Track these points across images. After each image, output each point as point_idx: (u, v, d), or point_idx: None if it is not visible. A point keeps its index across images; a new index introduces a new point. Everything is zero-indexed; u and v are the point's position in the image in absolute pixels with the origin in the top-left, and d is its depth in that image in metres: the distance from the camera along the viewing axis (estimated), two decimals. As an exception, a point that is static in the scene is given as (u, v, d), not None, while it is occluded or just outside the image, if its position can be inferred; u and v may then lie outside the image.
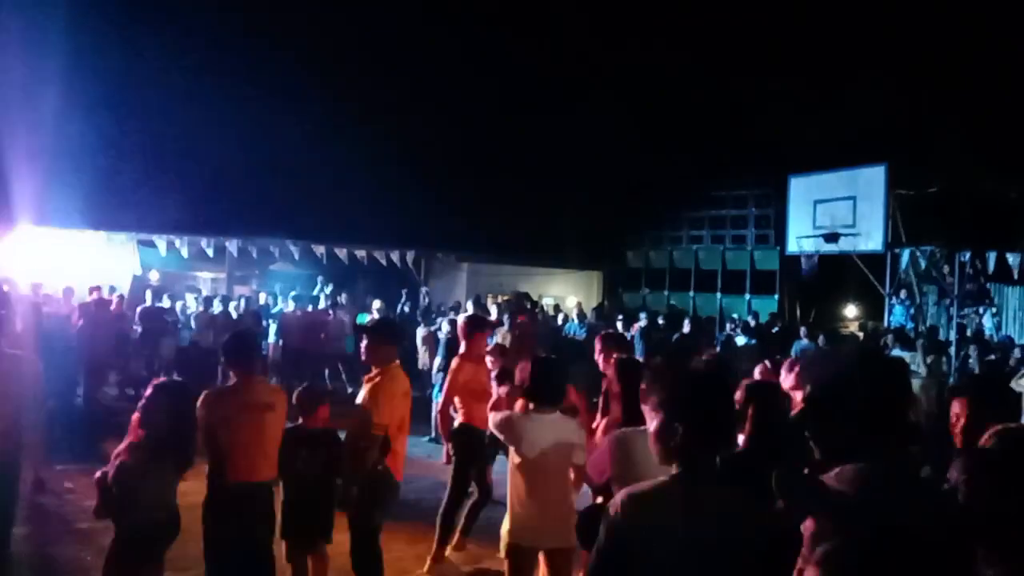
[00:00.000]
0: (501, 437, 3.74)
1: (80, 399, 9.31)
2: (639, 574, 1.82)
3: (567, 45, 21.54)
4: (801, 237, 16.35)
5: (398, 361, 4.38)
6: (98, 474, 3.37)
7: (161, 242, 16.39)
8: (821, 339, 12.43)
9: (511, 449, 3.70)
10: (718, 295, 19.14)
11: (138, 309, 10.96)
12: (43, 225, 14.86)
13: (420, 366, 11.79)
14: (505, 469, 3.83)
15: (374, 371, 4.25)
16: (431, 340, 11.78)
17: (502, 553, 3.74)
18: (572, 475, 3.72)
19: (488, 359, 5.95)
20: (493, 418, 3.85)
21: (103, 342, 9.32)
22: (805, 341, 12.44)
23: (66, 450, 6.43)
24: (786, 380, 3.60)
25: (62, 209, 14.55)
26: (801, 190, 16.68)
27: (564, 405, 3.90)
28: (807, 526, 1.62)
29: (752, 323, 14.54)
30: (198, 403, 3.73)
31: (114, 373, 10.56)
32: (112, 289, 13.39)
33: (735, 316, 15.84)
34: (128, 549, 3.30)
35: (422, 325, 12.63)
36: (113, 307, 10.75)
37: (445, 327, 10.91)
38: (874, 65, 18.20)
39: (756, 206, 19.11)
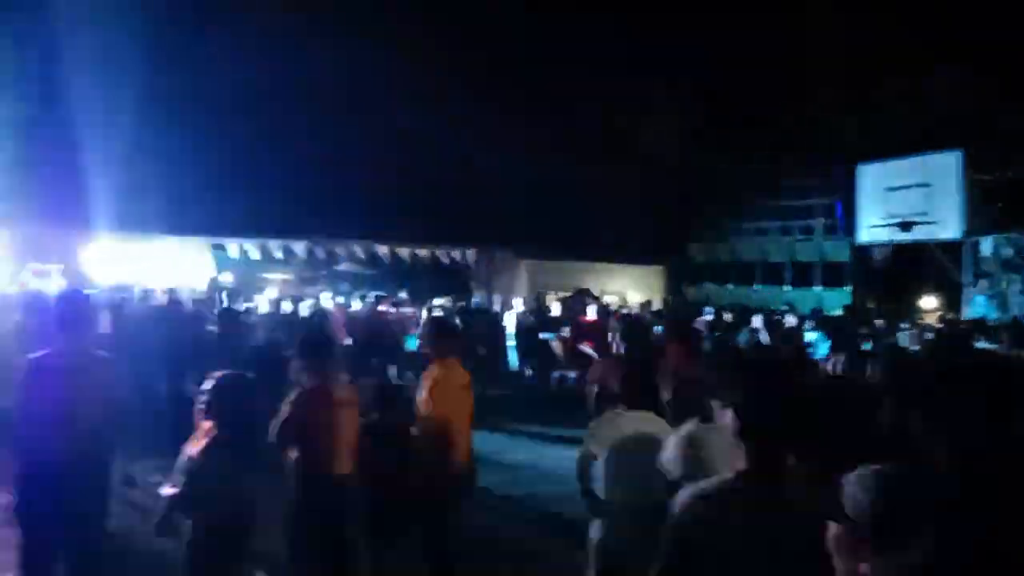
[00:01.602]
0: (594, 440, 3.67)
1: (163, 398, 9.71)
2: (704, 573, 1.81)
3: (627, 34, 21.27)
4: (873, 226, 15.81)
5: (457, 356, 4.46)
6: (167, 488, 3.35)
7: (232, 245, 16.96)
8: (908, 334, 11.92)
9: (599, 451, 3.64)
10: (786, 288, 18.67)
11: (214, 311, 11.36)
12: (122, 232, 15.56)
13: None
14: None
15: (433, 366, 4.34)
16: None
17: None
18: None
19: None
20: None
21: (181, 343, 9.69)
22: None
23: (151, 447, 6.72)
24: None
25: (139, 216, 15.20)
26: (871, 179, 16.14)
27: None
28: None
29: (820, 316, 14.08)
30: (288, 401, 3.85)
31: (193, 373, 10.95)
32: (191, 291, 13.98)
33: (782, 307, 15.16)
34: (206, 546, 3.26)
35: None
36: (189, 309, 11.17)
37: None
38: (945, 47, 17.40)
39: (824, 196, 18.55)
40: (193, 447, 3.33)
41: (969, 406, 1.56)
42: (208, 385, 3.34)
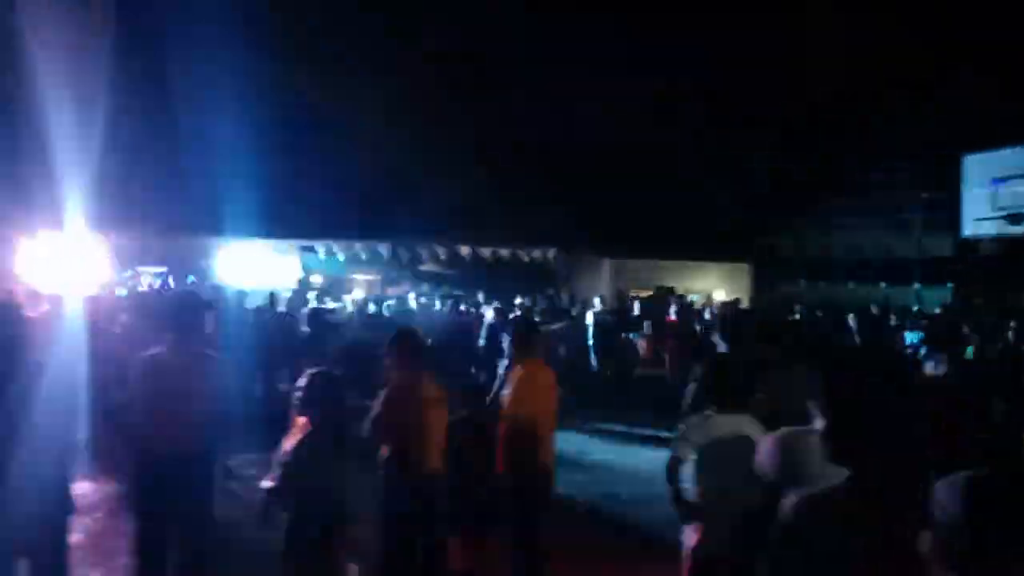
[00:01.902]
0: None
1: (259, 394, 10.15)
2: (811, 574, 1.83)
3: (713, 29, 20.80)
4: (979, 219, 14.92)
5: (541, 356, 4.47)
6: (265, 481, 3.46)
7: (320, 248, 17.56)
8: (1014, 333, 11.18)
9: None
10: (882, 285, 17.83)
11: (304, 311, 11.78)
12: (223, 235, 16.34)
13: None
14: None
15: (516, 366, 4.36)
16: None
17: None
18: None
19: None
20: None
21: (274, 343, 10.09)
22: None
23: (249, 442, 7.01)
24: None
25: (237, 220, 15.91)
26: (978, 169, 15.23)
27: None
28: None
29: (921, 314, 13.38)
30: (378, 399, 3.95)
31: (285, 371, 11.39)
32: (283, 291, 14.53)
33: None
34: (303, 535, 3.34)
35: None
36: (281, 310, 11.62)
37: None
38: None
39: (924, 188, 17.60)
40: (289, 441, 3.45)
41: None
42: (301, 382, 3.46)
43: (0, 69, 13.24)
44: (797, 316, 12.94)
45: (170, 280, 14.97)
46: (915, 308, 14.40)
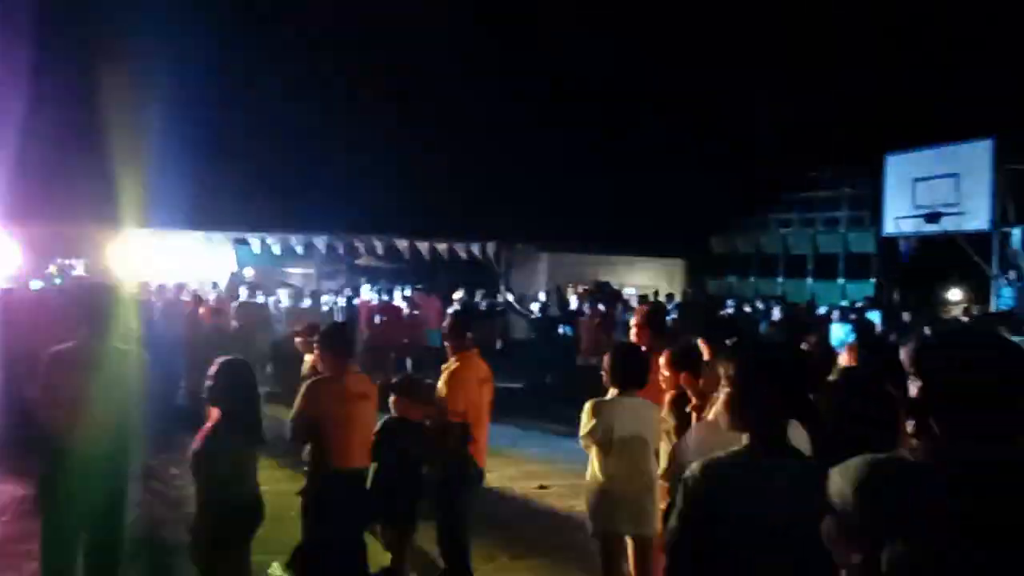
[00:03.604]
0: (592, 422, 3.73)
1: (183, 391, 9.85)
2: (714, 541, 1.87)
3: (647, 32, 21.13)
4: (900, 217, 15.56)
5: (476, 349, 4.45)
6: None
7: (254, 240, 17.12)
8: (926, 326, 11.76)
9: (598, 434, 3.69)
10: (809, 281, 18.45)
11: (234, 304, 11.49)
12: (148, 227, 15.76)
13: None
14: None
15: (452, 359, 4.33)
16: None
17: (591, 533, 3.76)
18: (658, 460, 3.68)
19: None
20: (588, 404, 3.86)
21: (201, 338, 9.81)
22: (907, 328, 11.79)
23: (172, 439, 6.81)
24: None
25: (165, 211, 15.38)
26: (899, 169, 15.85)
27: None
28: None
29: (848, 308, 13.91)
30: (299, 393, 3.88)
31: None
32: (214, 285, 14.12)
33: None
34: (210, 530, 3.29)
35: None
36: (212, 303, 11.31)
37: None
38: (977, 36, 17.06)
39: (849, 187, 18.27)
40: (201, 432, 3.40)
41: (970, 396, 1.54)
42: (211, 371, 3.42)
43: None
44: (729, 310, 13.31)
45: (80, 270, 14.40)
46: (840, 302, 14.95)
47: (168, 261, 15.87)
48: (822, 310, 12.95)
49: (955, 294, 21.60)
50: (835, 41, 18.59)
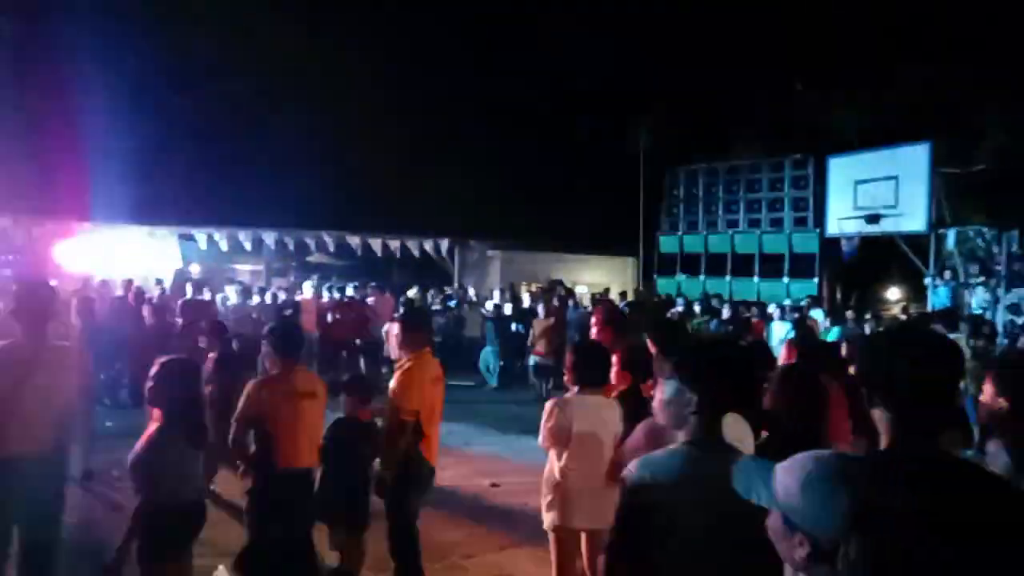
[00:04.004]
0: (551, 420, 3.75)
1: (126, 390, 9.59)
2: (651, 538, 1.92)
3: (594, 29, 21.31)
4: (841, 219, 16.03)
5: (428, 348, 4.43)
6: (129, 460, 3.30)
7: (201, 236, 16.73)
8: (868, 324, 12.17)
9: (557, 431, 3.71)
10: (755, 280, 18.87)
11: (179, 302, 11.22)
12: (90, 221, 15.28)
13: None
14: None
15: (404, 358, 4.31)
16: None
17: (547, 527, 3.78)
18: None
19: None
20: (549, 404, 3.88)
21: (144, 335, 9.56)
22: (851, 326, 12.18)
23: (114, 440, 6.62)
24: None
25: (107, 205, 14.93)
26: (841, 171, 16.32)
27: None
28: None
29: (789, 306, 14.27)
30: (245, 392, 3.81)
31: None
32: (158, 282, 13.75)
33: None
34: (152, 533, 3.20)
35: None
36: (155, 300, 11.03)
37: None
38: (915, 41, 17.67)
39: (794, 188, 18.75)
40: (143, 435, 3.30)
41: (927, 392, 1.57)
42: (153, 372, 3.32)
43: None
44: (678, 308, 13.54)
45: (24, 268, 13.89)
46: (786, 301, 15.33)
47: (110, 257, 15.38)
48: (770, 308, 13.28)
49: (894, 293, 22.36)
50: (785, 43, 19.05)
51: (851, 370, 3.72)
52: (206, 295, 12.25)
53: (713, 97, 19.72)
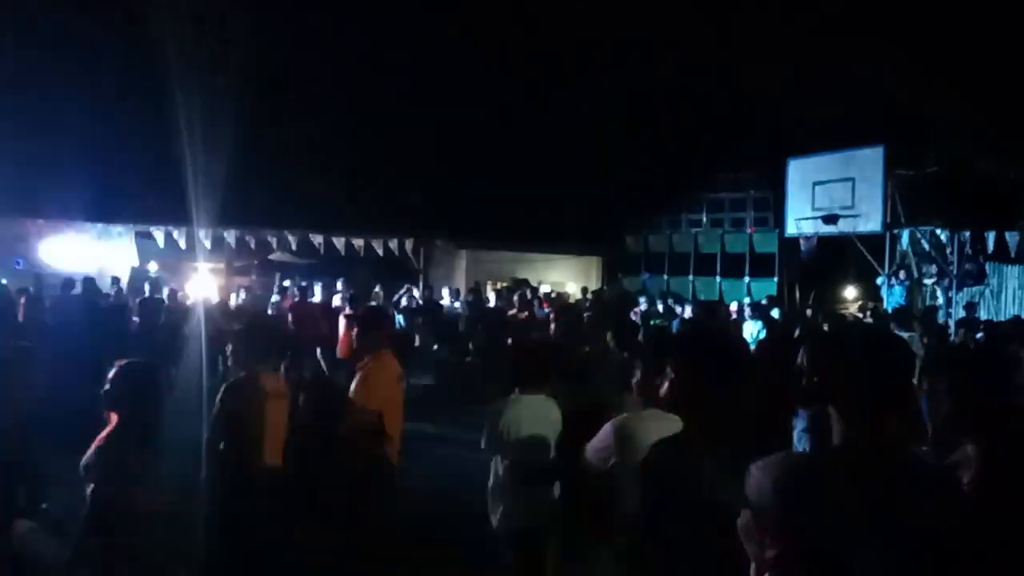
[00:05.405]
0: (491, 424, 3.75)
1: (84, 394, 9.36)
2: (660, 515, 1.97)
3: (562, 29, 21.38)
4: (800, 219, 16.36)
5: (390, 348, 4.42)
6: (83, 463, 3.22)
7: (159, 233, 16.38)
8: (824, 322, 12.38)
9: (498, 434, 3.73)
10: (717, 279, 19.16)
11: (136, 301, 10.98)
12: (42, 219, 14.86)
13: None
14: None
15: (364, 358, 4.29)
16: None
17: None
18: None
19: None
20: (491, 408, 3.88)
21: (102, 336, 9.34)
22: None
23: (72, 441, 6.45)
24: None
25: (61, 202, 14.55)
26: (800, 172, 16.66)
27: None
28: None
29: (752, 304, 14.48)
30: (220, 396, 3.75)
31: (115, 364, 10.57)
32: (115, 280, 13.43)
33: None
34: (107, 540, 3.11)
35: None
36: (112, 299, 10.78)
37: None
38: (871, 46, 18.08)
39: (755, 189, 19.09)
40: (100, 436, 3.20)
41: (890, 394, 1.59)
42: (109, 375, 3.20)
43: None
44: (642, 307, 13.67)
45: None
46: (744, 299, 15.57)
47: (64, 255, 14.98)
48: (732, 306, 13.47)
49: (851, 292, 22.88)
50: (747, 44, 19.33)
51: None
52: (164, 294, 12.00)
53: (679, 99, 19.94)
